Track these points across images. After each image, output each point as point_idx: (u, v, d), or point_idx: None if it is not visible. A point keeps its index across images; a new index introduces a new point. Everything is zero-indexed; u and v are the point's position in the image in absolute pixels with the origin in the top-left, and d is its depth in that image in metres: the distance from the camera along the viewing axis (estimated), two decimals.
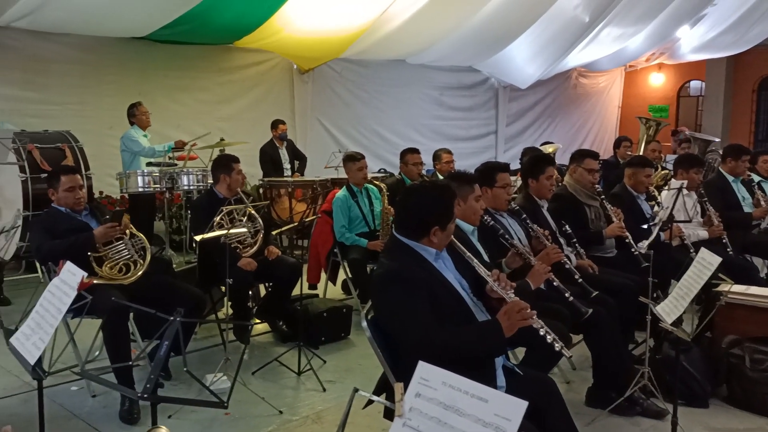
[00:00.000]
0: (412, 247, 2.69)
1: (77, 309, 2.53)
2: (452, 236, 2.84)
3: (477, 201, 3.37)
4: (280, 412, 3.79)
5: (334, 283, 6.06)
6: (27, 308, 4.74)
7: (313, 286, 5.94)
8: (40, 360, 2.45)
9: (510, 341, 3.00)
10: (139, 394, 2.22)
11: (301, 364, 4.34)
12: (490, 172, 3.91)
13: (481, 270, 2.78)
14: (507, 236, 3.64)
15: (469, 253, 2.84)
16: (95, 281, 3.88)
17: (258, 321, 5.25)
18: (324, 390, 4.10)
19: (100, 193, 7.76)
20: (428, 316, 2.50)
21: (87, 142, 6.63)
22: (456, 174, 3.47)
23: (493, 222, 3.62)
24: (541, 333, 2.61)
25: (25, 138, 6.00)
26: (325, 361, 4.54)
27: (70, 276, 2.48)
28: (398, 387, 1.72)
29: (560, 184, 4.95)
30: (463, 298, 2.72)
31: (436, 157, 6.93)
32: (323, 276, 5.95)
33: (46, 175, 5.46)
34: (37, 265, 6.49)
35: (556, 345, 2.60)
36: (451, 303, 2.65)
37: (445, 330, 2.51)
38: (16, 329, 2.56)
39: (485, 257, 3.29)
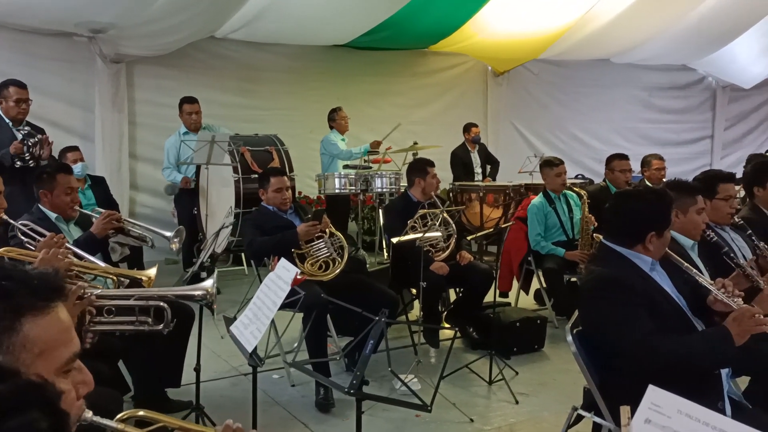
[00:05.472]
0: (625, 255, 2.54)
1: (289, 303, 2.65)
2: (668, 249, 2.62)
3: (699, 214, 3.08)
4: (471, 420, 3.71)
5: (527, 293, 5.86)
6: (243, 299, 5.13)
7: (503, 294, 5.79)
8: (255, 348, 2.60)
9: (734, 369, 2.69)
10: (346, 389, 2.26)
11: (492, 374, 4.23)
12: (710, 182, 3.58)
13: (702, 279, 2.58)
14: (732, 254, 3.26)
15: (686, 264, 2.64)
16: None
17: (447, 326, 5.21)
18: (517, 402, 3.95)
19: (299, 193, 8.21)
20: (649, 324, 2.33)
21: (291, 145, 7.04)
22: (676, 183, 3.18)
23: (716, 238, 3.26)
24: None
25: (239, 141, 6.48)
26: (517, 373, 4.38)
27: (285, 272, 2.59)
28: (625, 410, 1.57)
29: None
30: (683, 310, 2.52)
31: (645, 163, 6.49)
32: (515, 284, 5.79)
33: (256, 175, 5.86)
34: (243, 258, 7.08)
35: None
36: (672, 314, 2.46)
37: (667, 337, 2.32)
38: (235, 318, 2.74)
39: (707, 276, 2.97)
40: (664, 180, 5.96)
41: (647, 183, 6.22)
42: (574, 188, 5.70)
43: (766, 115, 12.88)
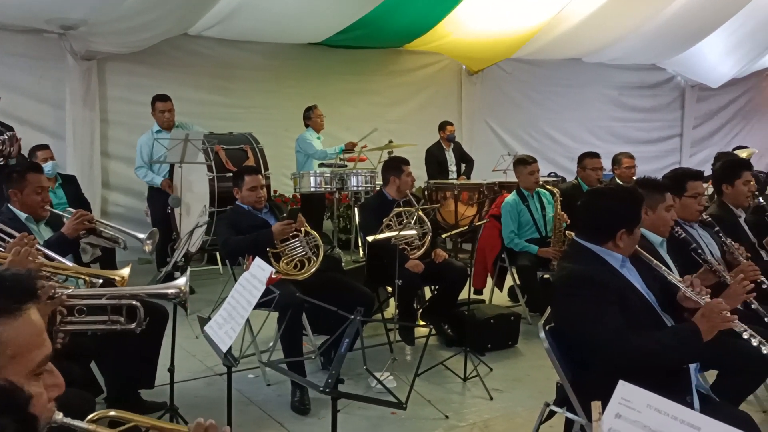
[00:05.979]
0: (596, 251, 2.58)
1: (264, 302, 2.65)
2: (638, 246, 2.67)
3: (668, 211, 3.13)
4: (446, 416, 3.74)
5: (501, 290, 5.92)
6: (218, 299, 5.10)
7: (477, 291, 5.83)
8: (230, 348, 2.59)
9: (702, 363, 2.75)
10: (321, 388, 2.27)
11: (467, 370, 4.27)
12: (679, 180, 3.64)
13: (672, 277, 2.64)
14: (699, 251, 3.33)
15: (656, 261, 2.70)
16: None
17: (423, 323, 5.24)
18: (491, 398, 3.99)
19: (274, 192, 8.17)
20: (620, 320, 2.37)
21: (266, 143, 7.00)
22: (646, 180, 3.24)
23: (684, 234, 3.33)
24: (745, 336, 2.43)
25: (213, 139, 6.42)
26: (491, 369, 4.42)
27: (260, 271, 2.59)
28: (596, 406, 1.61)
29: (757, 193, 4.47)
30: (653, 306, 2.57)
31: (616, 161, 6.59)
32: (489, 281, 5.84)
33: (230, 174, 5.83)
34: (218, 257, 7.04)
35: (764, 348, 2.45)
36: (641, 310, 2.51)
37: (638, 334, 2.36)
38: (209, 318, 2.73)
39: (675, 272, 3.03)
40: (635, 178, 6.06)
41: (618, 181, 6.31)
42: (547, 186, 5.77)
43: (733, 113, 13.13)
